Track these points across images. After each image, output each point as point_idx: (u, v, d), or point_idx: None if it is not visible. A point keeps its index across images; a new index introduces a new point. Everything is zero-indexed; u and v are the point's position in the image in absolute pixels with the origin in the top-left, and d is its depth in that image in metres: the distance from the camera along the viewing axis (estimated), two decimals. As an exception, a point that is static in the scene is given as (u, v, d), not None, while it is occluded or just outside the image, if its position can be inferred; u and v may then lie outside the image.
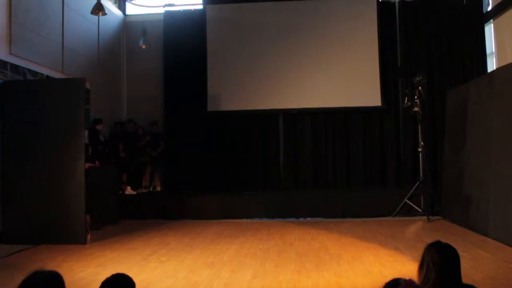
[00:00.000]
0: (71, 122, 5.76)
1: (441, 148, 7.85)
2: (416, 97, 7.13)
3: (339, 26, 9.17)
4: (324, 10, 9.25)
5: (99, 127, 7.84)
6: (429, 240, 2.21)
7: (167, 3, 9.91)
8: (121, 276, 1.95)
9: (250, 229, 6.42)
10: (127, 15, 10.22)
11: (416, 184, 7.12)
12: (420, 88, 7.09)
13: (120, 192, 8.15)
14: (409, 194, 7.09)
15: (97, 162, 7.28)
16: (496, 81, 5.71)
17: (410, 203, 7.09)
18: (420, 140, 7.28)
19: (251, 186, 9.04)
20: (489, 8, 8.66)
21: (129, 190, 8.45)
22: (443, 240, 2.13)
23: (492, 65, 8.70)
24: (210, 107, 9.36)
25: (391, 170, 9.08)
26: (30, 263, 4.64)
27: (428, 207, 6.96)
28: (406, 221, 6.81)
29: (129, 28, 10.03)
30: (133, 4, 10.14)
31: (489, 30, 8.75)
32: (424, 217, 6.79)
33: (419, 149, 7.28)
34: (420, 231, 6.20)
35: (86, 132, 6.71)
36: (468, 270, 3.86)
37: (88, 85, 7.60)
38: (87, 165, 6.03)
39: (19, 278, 1.75)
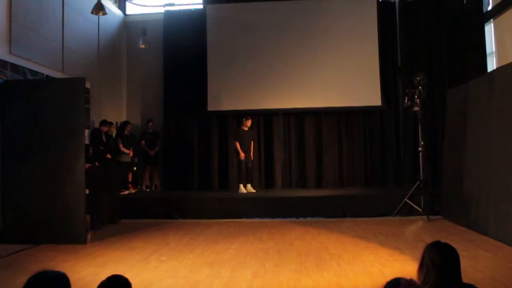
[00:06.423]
0: (71, 122, 5.75)
1: (441, 148, 7.84)
2: (416, 97, 7.12)
3: (339, 26, 9.17)
4: (325, 9, 9.27)
5: (104, 128, 7.85)
6: (430, 239, 2.21)
7: (167, 3, 9.91)
8: (117, 278, 1.93)
9: (250, 229, 6.41)
10: (127, 15, 10.22)
11: (416, 184, 7.11)
12: (420, 87, 7.07)
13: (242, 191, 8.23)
14: (409, 193, 7.08)
15: (96, 163, 7.28)
16: (496, 81, 5.70)
17: (410, 203, 7.09)
18: (420, 139, 7.28)
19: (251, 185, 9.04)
20: (489, 8, 8.65)
21: (249, 188, 8.40)
22: (443, 240, 2.12)
23: (492, 64, 8.69)
24: (210, 107, 9.36)
25: (391, 170, 9.08)
26: (30, 263, 4.63)
27: (428, 207, 6.96)
28: (406, 221, 6.81)
29: (129, 28, 10.03)
30: (133, 4, 10.13)
31: (489, 29, 8.74)
32: (424, 217, 6.79)
33: (419, 149, 7.27)
34: (420, 230, 6.20)
35: (87, 132, 6.70)
36: (468, 269, 3.85)
37: (88, 85, 7.60)
38: (87, 165, 6.02)
39: (19, 278, 1.76)
